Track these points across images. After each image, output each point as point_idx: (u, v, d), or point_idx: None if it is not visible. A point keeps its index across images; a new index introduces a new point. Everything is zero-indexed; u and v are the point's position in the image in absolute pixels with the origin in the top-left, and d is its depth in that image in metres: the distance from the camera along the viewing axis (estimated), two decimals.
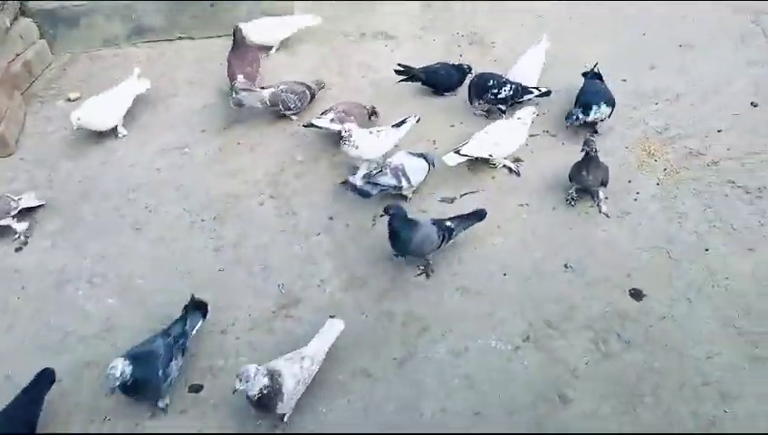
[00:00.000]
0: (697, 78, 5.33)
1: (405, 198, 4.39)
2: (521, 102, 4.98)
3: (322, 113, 4.76)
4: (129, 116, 5.14)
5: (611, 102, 4.74)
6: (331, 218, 4.32)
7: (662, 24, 5.98)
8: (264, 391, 3.07)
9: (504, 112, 4.89)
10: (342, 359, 3.51)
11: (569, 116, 4.71)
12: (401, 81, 5.15)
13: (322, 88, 5.22)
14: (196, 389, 3.40)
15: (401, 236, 3.77)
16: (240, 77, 5.05)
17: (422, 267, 3.96)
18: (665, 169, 4.56)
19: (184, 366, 3.46)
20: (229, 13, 5.90)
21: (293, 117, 5.05)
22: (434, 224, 3.87)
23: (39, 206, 4.38)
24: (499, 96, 4.87)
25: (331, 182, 4.56)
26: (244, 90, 4.90)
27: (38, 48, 5.60)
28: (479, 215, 4.04)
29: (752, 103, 5.02)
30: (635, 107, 5.10)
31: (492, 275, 3.94)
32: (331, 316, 3.59)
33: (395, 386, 3.42)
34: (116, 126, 4.94)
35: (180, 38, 5.99)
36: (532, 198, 4.41)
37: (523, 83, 4.97)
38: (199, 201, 4.46)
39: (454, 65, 5.29)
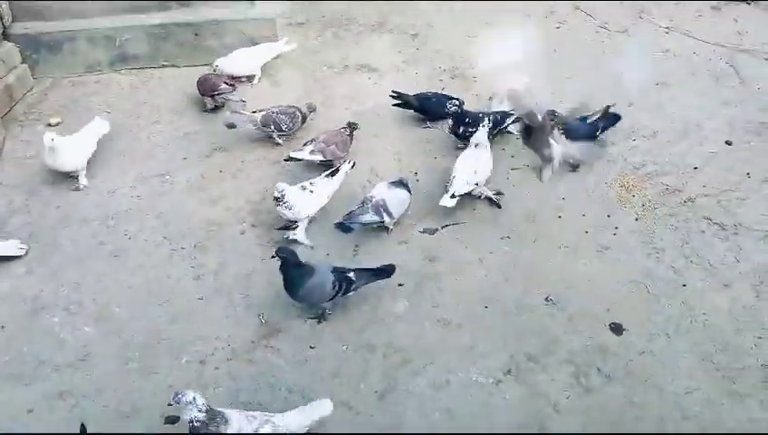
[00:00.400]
0: (674, 116, 5.46)
1: (387, 229, 4.39)
2: (505, 129, 5.08)
3: (303, 145, 4.79)
4: (110, 142, 5.11)
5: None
6: (312, 248, 4.30)
7: (639, 62, 6.14)
8: (196, 424, 2.94)
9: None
10: (322, 391, 3.46)
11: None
12: (395, 105, 5.24)
13: (313, 111, 5.25)
14: (173, 420, 3.32)
15: (290, 281, 3.65)
16: (224, 85, 5.16)
17: (315, 315, 3.84)
18: (643, 205, 4.63)
19: (160, 397, 3.40)
20: (213, 41, 5.93)
21: (280, 140, 5.09)
22: (332, 272, 3.71)
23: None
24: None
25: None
26: (235, 112, 4.97)
27: (19, 72, 5.56)
28: (387, 271, 3.85)
29: (726, 142, 5.15)
30: (613, 143, 5.20)
31: (473, 308, 3.94)
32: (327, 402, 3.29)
33: (375, 419, 3.38)
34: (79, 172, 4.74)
35: (164, 66, 6.00)
36: (514, 231, 4.45)
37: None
38: (180, 229, 4.42)
39: (446, 95, 5.35)
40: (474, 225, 4.49)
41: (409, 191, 4.45)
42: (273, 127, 4.98)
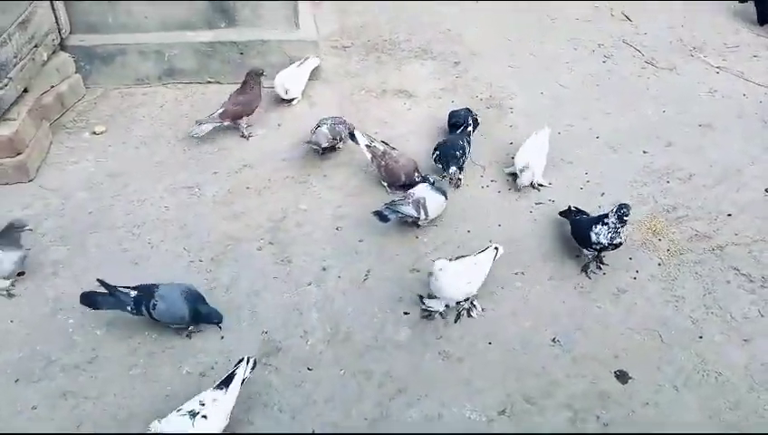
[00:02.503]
0: (713, 159, 5.28)
1: (417, 225, 4.58)
2: None
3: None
4: (148, 152, 5.33)
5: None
6: (323, 269, 4.35)
7: (685, 101, 5.98)
8: None
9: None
10: (312, 414, 3.49)
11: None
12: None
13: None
14: None
15: None
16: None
17: None
18: (668, 250, 4.49)
19: (157, 405, 3.50)
20: (258, 60, 6.09)
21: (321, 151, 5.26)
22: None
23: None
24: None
25: (331, 233, 4.62)
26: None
27: (72, 82, 5.84)
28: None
29: (766, 190, 4.94)
30: (646, 183, 5.07)
31: (476, 343, 3.89)
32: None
33: None
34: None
35: (209, 82, 6.20)
36: (529, 267, 4.38)
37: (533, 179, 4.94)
38: (200, 241, 4.54)
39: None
40: None
41: (446, 198, 4.61)
42: (339, 138, 5.21)
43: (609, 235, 4.07)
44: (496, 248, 4.14)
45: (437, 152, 4.97)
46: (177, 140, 5.51)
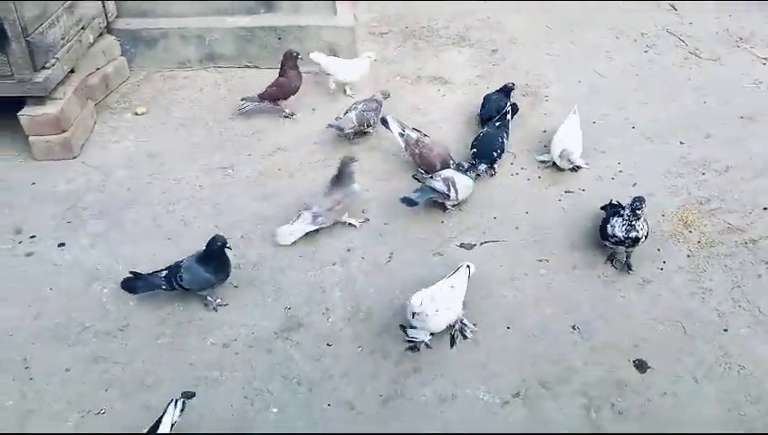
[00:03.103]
0: (753, 152, 5.16)
1: (444, 208, 4.61)
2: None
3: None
4: (186, 133, 5.50)
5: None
6: (348, 250, 4.42)
7: (728, 92, 5.83)
8: None
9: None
10: (328, 388, 3.58)
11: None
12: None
13: (387, 98, 5.48)
14: (189, 395, 3.53)
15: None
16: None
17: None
18: (698, 242, 4.41)
19: (181, 372, 3.64)
20: (295, 45, 6.19)
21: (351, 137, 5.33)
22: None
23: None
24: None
25: (357, 215, 4.69)
26: (338, 118, 5.33)
27: (117, 64, 6.06)
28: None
29: None
30: (680, 174, 4.98)
31: (495, 327, 3.91)
32: None
33: (374, 422, 3.44)
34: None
35: (248, 66, 6.34)
36: (554, 255, 4.37)
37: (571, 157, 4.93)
38: (231, 220, 4.67)
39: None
40: (514, 244, 4.45)
41: (474, 181, 4.68)
42: (366, 125, 5.26)
43: (624, 227, 4.01)
44: (468, 266, 3.98)
45: (475, 149, 4.95)
46: (214, 123, 5.67)
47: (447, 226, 4.60)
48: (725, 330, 3.84)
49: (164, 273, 3.99)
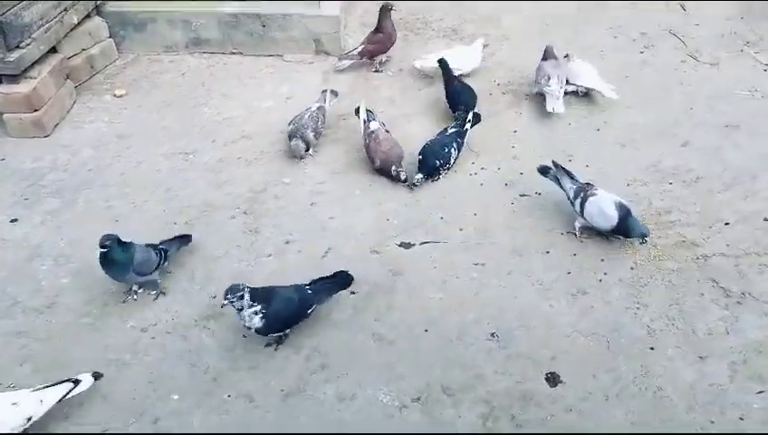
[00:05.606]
0: (728, 163, 4.90)
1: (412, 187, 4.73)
2: None
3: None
4: (158, 117, 5.59)
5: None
6: (287, 243, 4.42)
7: (718, 99, 5.55)
8: None
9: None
10: (233, 379, 3.59)
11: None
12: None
13: (336, 97, 5.42)
14: (96, 377, 3.59)
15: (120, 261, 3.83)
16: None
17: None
18: (647, 255, 4.22)
19: (95, 353, 3.72)
20: (279, 33, 6.21)
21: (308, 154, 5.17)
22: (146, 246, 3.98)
23: None
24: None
25: (305, 208, 4.67)
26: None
27: (104, 45, 6.19)
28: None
29: None
30: (646, 183, 4.78)
31: (413, 329, 3.84)
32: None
33: (270, 417, 3.43)
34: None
35: (232, 53, 6.39)
36: (492, 259, 4.25)
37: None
38: (180, 205, 4.72)
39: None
40: (453, 246, 4.35)
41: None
42: (312, 143, 5.06)
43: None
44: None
45: (420, 156, 4.84)
46: (187, 108, 5.73)
47: (392, 223, 4.54)
48: (652, 348, 3.68)
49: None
